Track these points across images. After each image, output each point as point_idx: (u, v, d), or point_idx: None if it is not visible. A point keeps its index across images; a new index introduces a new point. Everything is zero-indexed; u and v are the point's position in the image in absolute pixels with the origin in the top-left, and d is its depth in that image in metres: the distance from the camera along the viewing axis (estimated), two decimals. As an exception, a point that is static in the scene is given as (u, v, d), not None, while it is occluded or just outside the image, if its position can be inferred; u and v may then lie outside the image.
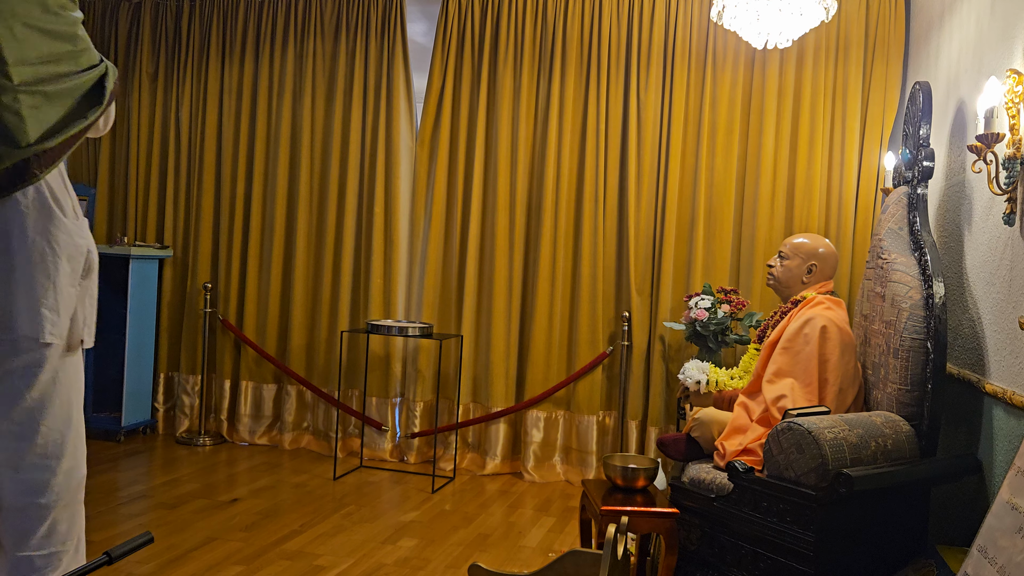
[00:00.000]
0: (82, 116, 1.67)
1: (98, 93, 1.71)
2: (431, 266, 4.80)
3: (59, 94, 1.63)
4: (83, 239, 1.70)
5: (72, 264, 1.65)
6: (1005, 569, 1.92)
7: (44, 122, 1.59)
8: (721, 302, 4.08)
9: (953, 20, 3.40)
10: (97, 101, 1.71)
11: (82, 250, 1.69)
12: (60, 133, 1.62)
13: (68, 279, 1.64)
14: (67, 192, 1.71)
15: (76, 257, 1.66)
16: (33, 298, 1.58)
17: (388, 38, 4.89)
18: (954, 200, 3.12)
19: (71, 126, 1.65)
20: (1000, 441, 2.50)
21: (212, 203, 5.18)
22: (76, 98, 1.66)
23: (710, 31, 4.47)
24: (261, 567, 3.10)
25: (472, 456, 4.76)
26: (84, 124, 1.67)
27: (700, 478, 2.80)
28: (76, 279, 1.67)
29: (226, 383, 5.12)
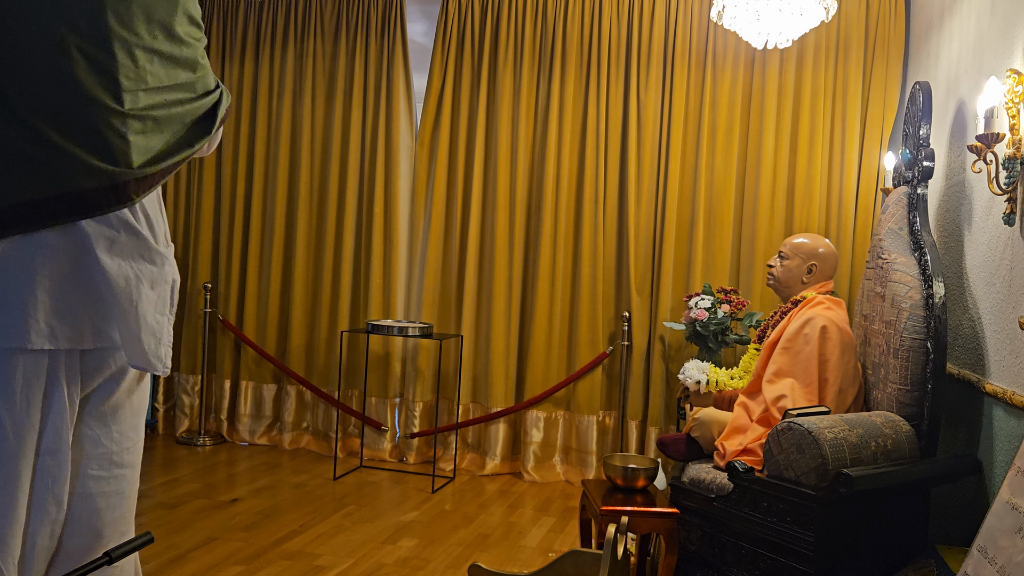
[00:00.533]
0: (189, 144, 1.64)
1: (209, 120, 1.68)
2: (431, 266, 4.80)
3: (170, 119, 1.60)
4: (171, 267, 1.66)
5: (157, 291, 1.61)
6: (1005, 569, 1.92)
7: (150, 148, 1.56)
8: (721, 302, 4.08)
9: (953, 20, 3.39)
10: (207, 129, 1.67)
11: (169, 278, 1.65)
12: (165, 159, 1.59)
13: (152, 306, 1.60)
14: (162, 218, 1.68)
15: (162, 285, 1.63)
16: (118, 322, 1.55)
17: (388, 38, 4.89)
18: (954, 200, 3.12)
19: (177, 153, 1.62)
20: (1000, 441, 2.50)
21: (212, 203, 5.18)
22: (187, 125, 1.63)
23: (710, 31, 4.47)
24: (261, 567, 3.10)
25: (472, 456, 4.76)
26: (189, 152, 1.64)
27: (700, 478, 2.80)
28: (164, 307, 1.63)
29: (226, 383, 5.12)
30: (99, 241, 1.53)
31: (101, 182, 1.51)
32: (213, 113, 1.69)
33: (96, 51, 1.50)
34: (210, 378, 5.16)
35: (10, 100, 1.47)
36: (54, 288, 1.50)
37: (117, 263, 1.55)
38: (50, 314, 1.50)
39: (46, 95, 1.48)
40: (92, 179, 1.50)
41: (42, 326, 1.48)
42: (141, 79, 1.55)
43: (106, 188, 1.51)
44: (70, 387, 1.55)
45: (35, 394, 1.51)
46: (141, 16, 1.54)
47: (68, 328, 1.52)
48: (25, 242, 1.48)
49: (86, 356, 1.58)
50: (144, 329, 1.58)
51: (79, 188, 1.49)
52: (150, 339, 1.59)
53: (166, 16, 1.58)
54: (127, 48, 1.52)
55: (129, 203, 1.55)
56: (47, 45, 1.48)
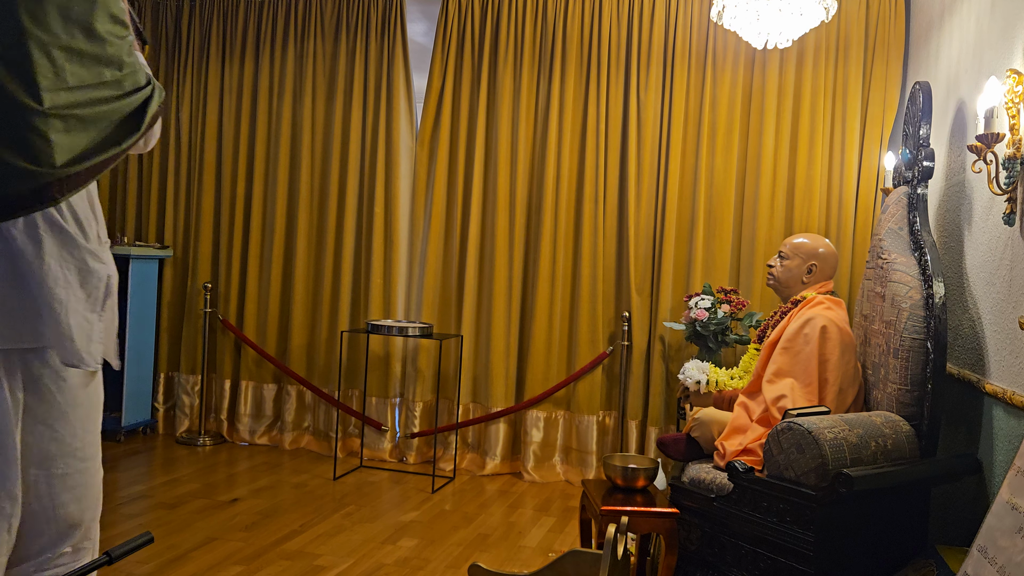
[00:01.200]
0: (116, 142, 1.62)
1: (139, 117, 1.66)
2: (431, 266, 4.80)
3: (95, 118, 1.58)
4: (103, 265, 1.66)
5: (87, 289, 1.62)
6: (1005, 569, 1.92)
7: (74, 147, 1.54)
8: (721, 302, 4.08)
9: (953, 20, 3.40)
10: (136, 126, 1.65)
11: (102, 276, 1.66)
12: (90, 158, 1.57)
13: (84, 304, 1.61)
14: (93, 215, 1.67)
15: (94, 283, 1.64)
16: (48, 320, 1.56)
17: (388, 38, 4.89)
18: (954, 200, 3.12)
19: (103, 152, 1.59)
20: (1000, 441, 2.50)
21: (212, 203, 5.18)
22: (114, 122, 1.61)
23: (710, 31, 4.47)
24: (261, 567, 3.10)
25: (472, 456, 4.76)
26: (117, 150, 1.62)
27: (700, 478, 2.80)
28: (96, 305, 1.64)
29: (226, 383, 5.12)
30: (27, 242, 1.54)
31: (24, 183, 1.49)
32: (143, 110, 1.67)
33: (11, 51, 1.48)
34: (210, 378, 5.16)
35: None
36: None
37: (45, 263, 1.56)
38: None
39: None
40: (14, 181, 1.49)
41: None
42: (60, 78, 1.52)
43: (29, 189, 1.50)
44: (12, 385, 1.57)
45: None
46: (57, 15, 1.52)
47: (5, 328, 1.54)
48: None
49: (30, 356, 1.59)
50: (74, 327, 1.59)
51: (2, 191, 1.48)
52: (80, 336, 1.60)
53: (84, 15, 1.56)
54: (43, 47, 1.51)
55: (52, 203, 1.53)
56: None
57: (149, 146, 1.81)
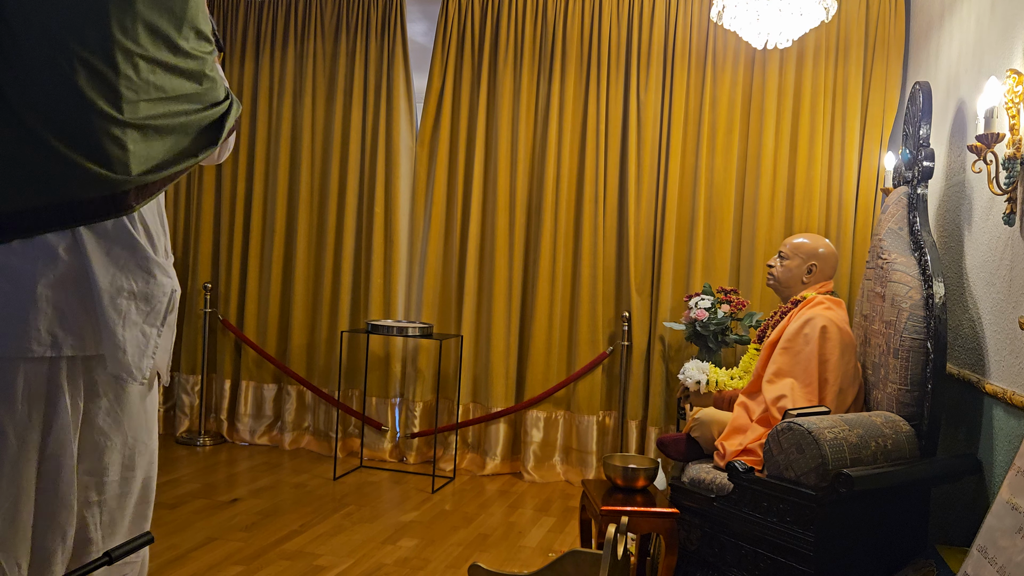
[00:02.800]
0: (192, 154, 1.63)
1: (216, 130, 1.67)
2: (431, 266, 4.80)
3: (172, 129, 1.59)
4: (169, 279, 1.65)
5: (151, 303, 1.61)
6: (1005, 569, 1.92)
7: (150, 158, 1.55)
8: (721, 302, 4.08)
9: (953, 20, 3.40)
10: (213, 139, 1.66)
11: (166, 290, 1.64)
12: (165, 169, 1.58)
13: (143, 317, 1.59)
14: (161, 229, 1.67)
15: (158, 296, 1.62)
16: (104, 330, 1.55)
17: (388, 38, 4.89)
18: (954, 200, 3.12)
19: (179, 163, 1.61)
20: (1000, 441, 2.50)
21: (212, 203, 5.18)
22: (191, 135, 1.62)
23: (710, 31, 4.47)
24: (261, 567, 3.10)
25: (472, 456, 4.76)
26: (192, 161, 1.63)
27: (700, 478, 2.80)
28: (156, 319, 1.62)
29: (226, 383, 5.12)
30: (95, 249, 1.53)
31: (100, 190, 1.50)
32: (220, 123, 1.68)
33: (98, 60, 1.50)
34: (210, 378, 5.16)
35: (11, 103, 1.47)
36: (55, 295, 1.50)
37: (110, 272, 1.55)
38: (51, 322, 1.50)
39: (47, 100, 1.48)
40: (90, 186, 1.50)
41: (43, 335, 1.49)
42: (143, 89, 1.54)
43: (105, 196, 1.51)
44: (73, 393, 1.55)
45: (37, 401, 1.51)
46: (145, 29, 1.54)
47: (70, 335, 1.52)
48: (25, 248, 1.48)
49: (92, 362, 1.57)
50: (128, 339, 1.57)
51: (78, 195, 1.49)
52: (133, 349, 1.58)
53: (170, 30, 1.57)
54: (130, 58, 1.52)
55: (128, 211, 1.54)
56: (51, 51, 1.48)
57: (222, 158, 1.81)
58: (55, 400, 1.53)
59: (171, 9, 1.57)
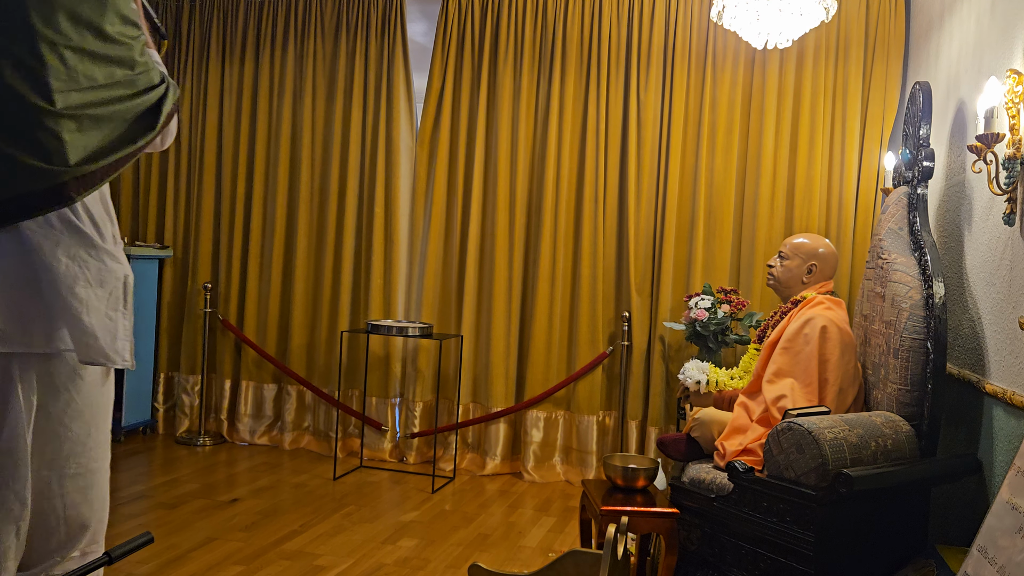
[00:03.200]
0: (131, 140, 1.63)
1: (154, 116, 1.67)
2: (431, 266, 4.80)
3: (108, 117, 1.59)
4: (119, 265, 1.66)
5: (107, 288, 1.62)
6: (1005, 569, 1.92)
7: (88, 146, 1.55)
8: (721, 302, 4.08)
9: (953, 20, 3.40)
10: (151, 125, 1.66)
11: (118, 275, 1.65)
12: (104, 157, 1.58)
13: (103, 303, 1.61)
14: (108, 216, 1.67)
15: (112, 283, 1.63)
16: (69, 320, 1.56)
17: (388, 38, 4.89)
18: (954, 200, 3.12)
19: (118, 150, 1.61)
20: (1000, 441, 2.50)
21: (212, 203, 5.18)
22: (127, 121, 1.62)
23: (710, 31, 4.47)
24: (261, 567, 3.10)
25: (472, 456, 4.76)
26: (132, 148, 1.63)
27: (700, 478, 2.80)
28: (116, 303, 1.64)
29: (226, 383, 5.12)
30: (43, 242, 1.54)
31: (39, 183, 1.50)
32: (157, 108, 1.68)
33: (23, 53, 1.49)
34: (210, 378, 5.16)
35: None
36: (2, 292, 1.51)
37: (64, 263, 1.55)
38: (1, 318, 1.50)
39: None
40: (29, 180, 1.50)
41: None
42: (73, 79, 1.54)
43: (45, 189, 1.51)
44: (25, 388, 1.55)
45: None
46: (66, 17, 1.53)
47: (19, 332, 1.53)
48: None
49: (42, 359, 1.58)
50: (96, 325, 1.58)
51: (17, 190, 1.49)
52: (104, 334, 1.59)
53: (94, 16, 1.57)
54: (55, 49, 1.52)
55: (69, 202, 1.54)
56: None
57: (166, 144, 1.81)
58: (7, 395, 1.54)
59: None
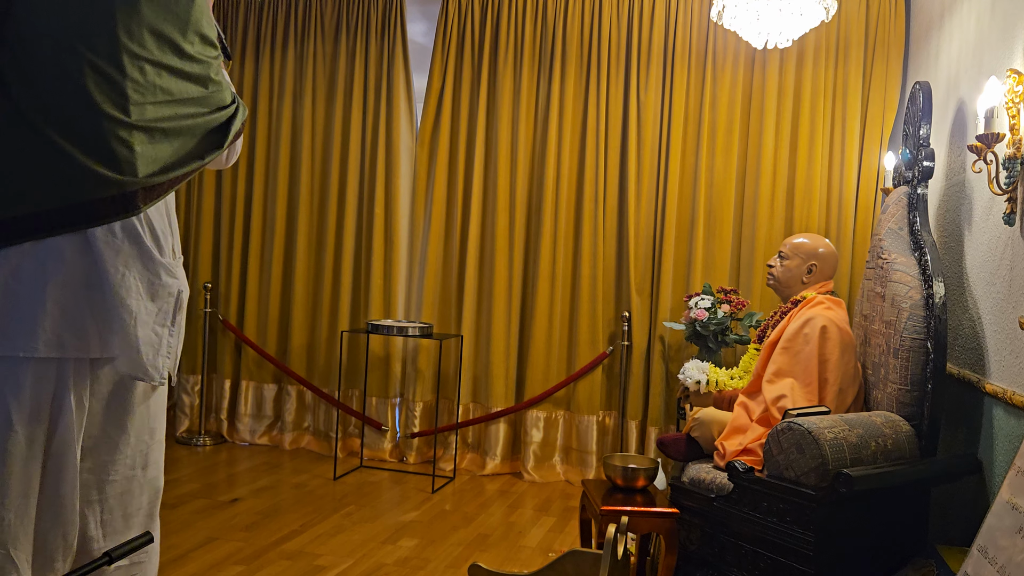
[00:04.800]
0: (199, 157, 1.66)
1: (222, 133, 1.70)
2: (431, 266, 4.80)
3: (179, 131, 1.62)
4: (176, 280, 1.67)
5: (159, 303, 1.63)
6: (1005, 569, 1.92)
7: (157, 159, 1.58)
8: (721, 302, 4.08)
9: (953, 20, 3.40)
10: (219, 142, 1.69)
11: (173, 291, 1.66)
12: (172, 170, 1.61)
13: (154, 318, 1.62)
14: (170, 230, 1.69)
15: (165, 297, 1.64)
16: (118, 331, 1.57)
17: (388, 38, 4.90)
18: (954, 200, 3.12)
19: (185, 165, 1.64)
20: (1000, 441, 2.50)
21: (213, 203, 5.18)
22: (197, 137, 1.65)
23: (710, 31, 4.47)
24: (261, 567, 3.10)
25: (472, 456, 4.76)
26: (199, 164, 1.66)
27: (700, 478, 2.80)
28: (165, 319, 1.65)
29: (226, 383, 5.12)
30: (105, 250, 1.55)
31: (107, 191, 1.53)
32: (226, 127, 1.71)
33: (106, 64, 1.52)
34: (210, 378, 5.16)
35: (21, 106, 1.49)
36: (63, 297, 1.52)
37: (121, 273, 1.57)
38: (59, 323, 1.52)
39: (56, 103, 1.50)
40: (99, 188, 1.52)
41: (50, 335, 1.51)
42: (150, 92, 1.57)
43: (113, 197, 1.53)
44: (79, 393, 1.57)
45: (44, 400, 1.53)
46: (150, 33, 1.56)
47: (75, 338, 1.54)
48: (36, 250, 1.50)
49: (97, 363, 1.59)
50: (142, 339, 1.59)
51: (86, 196, 1.51)
52: (148, 349, 1.61)
53: (175, 35, 1.60)
54: (136, 62, 1.55)
55: (135, 212, 1.57)
56: (60, 55, 1.50)
57: (230, 162, 1.84)
58: (61, 400, 1.55)
59: (176, 14, 1.59)
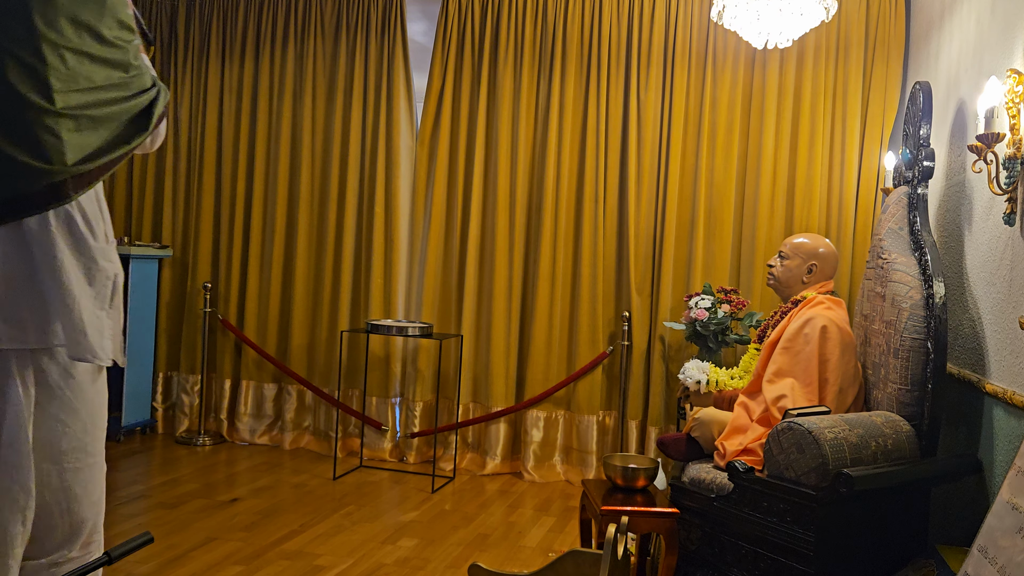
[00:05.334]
0: (125, 141, 1.68)
1: (146, 118, 1.72)
2: (431, 266, 4.80)
3: (104, 118, 1.64)
4: (111, 264, 1.70)
5: (97, 288, 1.66)
6: (1005, 569, 1.92)
7: (85, 146, 1.60)
8: (721, 302, 4.08)
9: (953, 20, 3.40)
10: (144, 126, 1.72)
11: (109, 274, 1.69)
12: (100, 157, 1.63)
13: (93, 302, 1.65)
14: (101, 215, 1.71)
15: (102, 281, 1.67)
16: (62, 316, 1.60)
17: (388, 38, 4.89)
18: (954, 200, 3.12)
19: (113, 150, 1.66)
20: (1000, 441, 2.50)
21: (212, 203, 5.18)
22: (122, 122, 1.67)
23: (710, 31, 4.47)
24: (261, 567, 3.10)
25: (472, 456, 4.76)
26: (126, 149, 1.69)
27: (700, 478, 2.80)
28: (104, 302, 1.67)
29: (226, 383, 5.12)
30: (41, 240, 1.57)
31: (38, 181, 1.54)
32: (149, 111, 1.73)
33: (26, 53, 1.53)
34: (210, 378, 5.16)
35: None
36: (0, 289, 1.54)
37: (58, 259, 1.59)
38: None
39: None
40: (30, 179, 1.53)
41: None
42: (72, 79, 1.58)
43: (44, 187, 1.55)
44: (24, 382, 1.59)
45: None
46: (67, 20, 1.57)
47: (13, 329, 1.57)
48: None
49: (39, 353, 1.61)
50: (87, 322, 1.62)
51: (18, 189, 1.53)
52: (93, 331, 1.63)
53: (92, 20, 1.61)
54: (56, 50, 1.56)
55: (66, 200, 1.58)
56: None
57: (155, 146, 1.85)
58: (6, 390, 1.57)
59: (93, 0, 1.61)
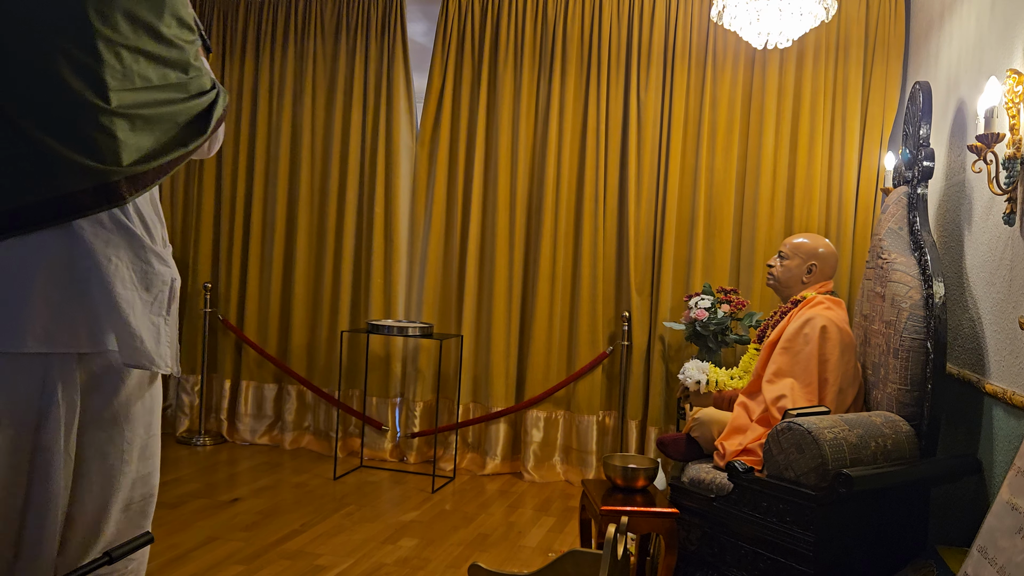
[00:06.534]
0: (182, 143, 1.64)
1: (204, 120, 1.68)
2: (431, 266, 4.81)
3: (160, 118, 1.59)
4: (167, 268, 1.66)
5: (153, 292, 1.61)
6: (1005, 569, 1.92)
7: (140, 147, 1.55)
8: (721, 302, 4.08)
9: (953, 20, 3.40)
10: (202, 129, 1.67)
11: (166, 279, 1.65)
12: (156, 158, 1.58)
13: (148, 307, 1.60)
14: (158, 219, 1.67)
15: (159, 286, 1.63)
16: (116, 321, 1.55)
17: (388, 38, 4.90)
18: (954, 200, 3.12)
19: (169, 152, 1.61)
20: (1000, 441, 2.50)
21: (212, 203, 5.18)
22: (179, 124, 1.63)
23: (710, 31, 4.47)
24: (261, 567, 3.10)
25: (472, 456, 4.76)
26: (183, 151, 1.64)
27: (700, 478, 2.80)
28: (160, 308, 1.63)
29: (226, 383, 5.12)
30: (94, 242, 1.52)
31: (91, 181, 1.50)
32: (208, 113, 1.68)
33: (81, 51, 1.49)
34: (210, 378, 5.17)
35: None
36: (50, 291, 1.50)
37: (113, 263, 1.54)
38: (47, 318, 1.49)
39: (33, 96, 1.47)
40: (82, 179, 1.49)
41: (38, 330, 1.48)
42: (128, 78, 1.54)
43: (96, 187, 1.50)
44: (67, 389, 1.54)
45: (31, 397, 1.51)
46: (124, 17, 1.53)
47: (64, 332, 1.52)
48: (21, 245, 1.47)
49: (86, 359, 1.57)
50: (143, 329, 1.57)
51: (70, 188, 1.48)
52: (149, 339, 1.58)
53: (151, 18, 1.57)
54: (112, 47, 1.52)
55: (121, 202, 1.54)
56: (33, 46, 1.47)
57: (213, 150, 1.80)
58: (49, 395, 1.52)
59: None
